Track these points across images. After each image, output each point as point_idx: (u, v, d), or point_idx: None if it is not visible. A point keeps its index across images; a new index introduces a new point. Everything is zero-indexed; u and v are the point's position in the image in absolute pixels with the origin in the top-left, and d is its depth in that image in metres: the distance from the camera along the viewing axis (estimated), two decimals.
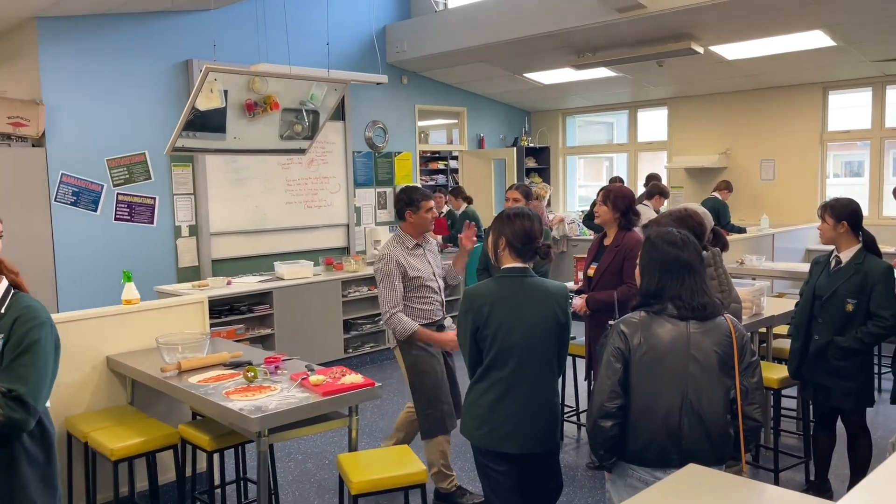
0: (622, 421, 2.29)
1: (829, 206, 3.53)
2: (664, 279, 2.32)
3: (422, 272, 3.84)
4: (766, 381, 3.92)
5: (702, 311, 2.30)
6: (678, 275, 2.31)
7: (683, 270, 2.32)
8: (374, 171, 8.91)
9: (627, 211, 4.03)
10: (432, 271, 3.92)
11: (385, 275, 3.76)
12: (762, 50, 7.27)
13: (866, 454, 3.62)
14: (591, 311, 4.00)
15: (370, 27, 8.56)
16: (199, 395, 3.01)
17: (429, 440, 3.75)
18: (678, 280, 2.31)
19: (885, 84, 8.00)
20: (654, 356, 2.27)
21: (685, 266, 2.32)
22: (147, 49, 6.89)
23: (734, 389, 2.31)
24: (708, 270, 2.99)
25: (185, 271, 7.14)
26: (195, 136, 5.47)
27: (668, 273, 2.32)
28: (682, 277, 2.31)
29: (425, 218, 3.87)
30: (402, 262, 3.78)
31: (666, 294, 2.31)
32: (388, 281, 3.75)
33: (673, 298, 2.30)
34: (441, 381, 3.78)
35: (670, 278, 2.31)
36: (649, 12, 6.41)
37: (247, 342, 5.74)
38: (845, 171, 12.01)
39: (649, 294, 2.36)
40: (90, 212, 6.60)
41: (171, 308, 4.02)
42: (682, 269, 2.32)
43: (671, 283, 2.31)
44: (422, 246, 3.93)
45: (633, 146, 10.35)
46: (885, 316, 3.38)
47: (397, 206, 3.95)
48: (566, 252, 9.38)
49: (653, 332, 2.29)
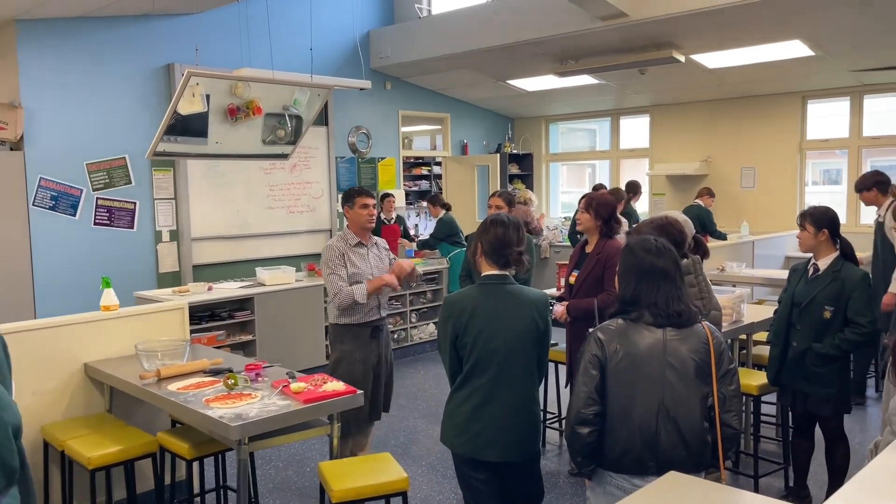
0: (599, 428, 2.30)
1: (809, 215, 3.58)
2: (640, 286, 2.34)
3: (360, 269, 4.00)
4: (745, 388, 3.96)
5: (677, 318, 2.31)
6: (654, 282, 2.32)
7: (659, 278, 2.33)
8: (357, 177, 8.89)
9: (609, 219, 4.05)
10: (371, 271, 4.05)
11: (328, 261, 3.98)
12: (742, 59, 7.36)
13: (844, 461, 3.66)
14: (572, 318, 4.01)
15: (354, 33, 8.56)
16: (179, 403, 2.98)
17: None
18: (654, 287, 2.32)
19: (862, 93, 8.12)
20: (631, 363, 2.28)
21: (661, 273, 2.33)
22: (128, 53, 6.84)
23: (712, 397, 2.32)
24: (688, 278, 3.01)
25: (165, 277, 7.08)
26: (177, 141, 5.43)
27: (645, 280, 2.33)
28: (657, 285, 2.32)
29: (360, 214, 4.03)
30: (344, 252, 3.99)
31: (642, 301, 2.33)
32: (334, 265, 3.96)
33: (649, 306, 2.32)
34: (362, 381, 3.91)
35: (646, 285, 2.33)
36: (632, 21, 6.47)
37: (227, 348, 5.69)
38: (823, 179, 12.16)
39: (626, 301, 2.37)
40: (69, 216, 6.53)
41: (151, 314, 3.98)
42: (657, 276, 2.33)
43: (647, 290, 2.32)
44: (365, 245, 4.09)
45: (616, 153, 10.42)
46: (862, 323, 3.42)
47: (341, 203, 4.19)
48: (549, 258, 9.42)
49: (630, 339, 2.30)
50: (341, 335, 4.04)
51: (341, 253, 3.98)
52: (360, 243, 4.07)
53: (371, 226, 4.09)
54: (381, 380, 4.12)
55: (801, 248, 3.65)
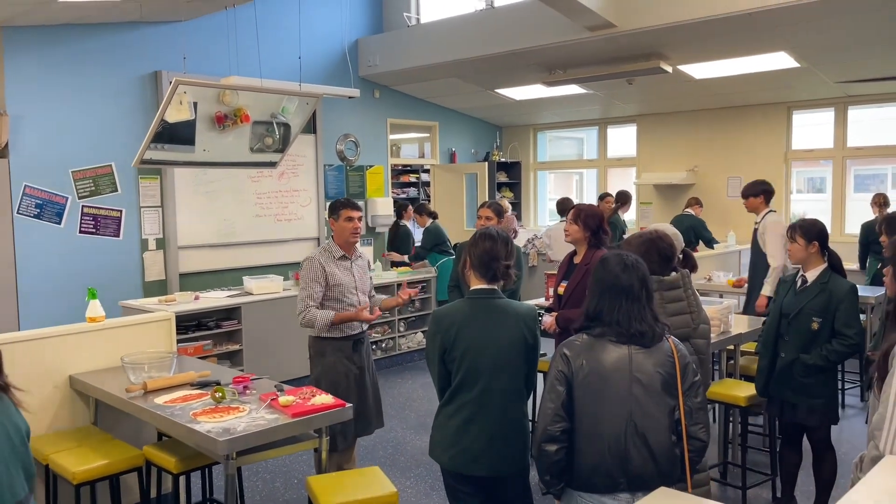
0: (567, 445, 2.28)
1: (799, 227, 3.59)
2: (603, 302, 2.34)
3: (343, 283, 3.92)
4: (733, 399, 3.98)
5: (639, 338, 2.30)
6: (616, 299, 2.32)
7: (621, 295, 2.32)
8: (345, 185, 8.88)
9: (598, 230, 4.05)
10: (354, 285, 3.98)
11: (306, 273, 3.91)
12: (729, 70, 7.42)
13: (831, 471, 3.68)
14: (561, 328, 4.01)
15: (342, 40, 8.56)
16: (166, 417, 2.95)
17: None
18: (616, 304, 2.31)
19: (846, 104, 8.20)
20: (598, 379, 2.27)
21: (624, 291, 2.32)
22: (115, 60, 6.79)
23: (678, 410, 2.32)
24: (676, 292, 3.01)
25: (151, 285, 7.02)
26: (163, 149, 5.40)
27: (607, 296, 2.33)
28: (619, 302, 2.31)
29: (344, 227, 3.95)
30: (326, 268, 3.89)
31: (604, 318, 2.33)
32: (309, 281, 3.88)
33: (611, 323, 2.31)
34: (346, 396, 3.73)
35: (609, 302, 2.33)
36: (620, 31, 6.51)
37: (214, 358, 5.66)
38: (808, 188, 12.27)
39: (589, 316, 2.37)
40: (54, 224, 6.47)
41: (137, 326, 3.94)
42: (619, 293, 2.32)
43: (609, 306, 2.32)
44: (349, 259, 4.00)
45: (603, 162, 10.46)
46: (849, 335, 3.45)
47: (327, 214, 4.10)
48: (536, 267, 9.43)
49: (595, 354, 2.29)
50: (322, 349, 3.96)
51: (321, 267, 3.87)
52: (344, 256, 3.97)
53: (355, 239, 3.98)
54: (368, 393, 4.04)
55: (790, 259, 3.67)
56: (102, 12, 6.25)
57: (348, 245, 3.98)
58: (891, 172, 12.01)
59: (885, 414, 2.00)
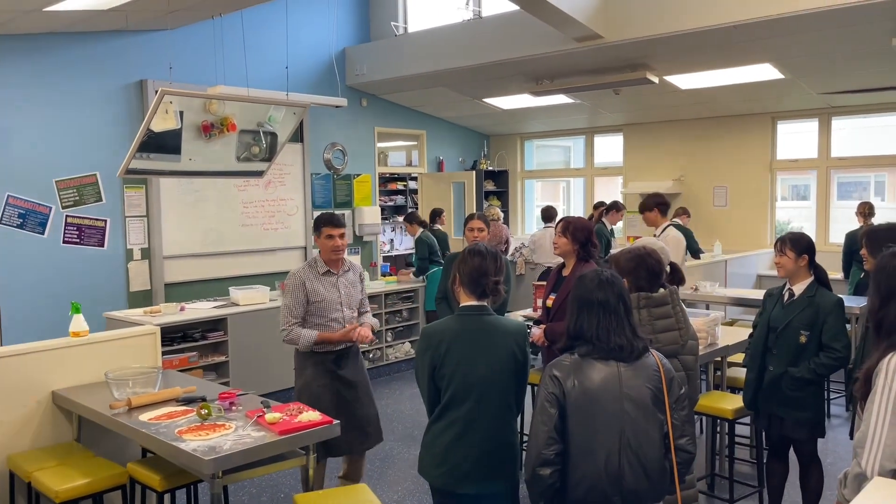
0: (561, 468, 2.27)
1: (790, 241, 3.59)
2: (582, 318, 2.36)
3: (326, 299, 3.87)
4: (720, 412, 3.99)
5: (619, 352, 2.31)
6: (594, 314, 2.34)
7: (598, 309, 2.34)
8: (332, 193, 8.85)
9: (586, 242, 4.05)
10: (339, 301, 3.91)
11: (289, 290, 3.88)
12: (714, 81, 7.48)
13: (818, 483, 3.69)
14: (550, 341, 4.01)
15: (329, 50, 8.55)
16: (150, 435, 2.91)
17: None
18: (594, 319, 2.33)
19: (830, 115, 8.29)
20: (589, 399, 2.27)
21: (600, 305, 2.34)
22: (100, 68, 6.75)
23: (666, 424, 2.34)
24: (664, 308, 3.02)
25: (136, 296, 6.96)
26: (149, 158, 5.36)
27: (586, 312, 2.35)
28: (597, 316, 2.33)
29: (325, 244, 3.91)
30: (308, 284, 3.85)
31: (585, 334, 2.34)
32: (291, 297, 3.85)
33: (591, 339, 2.32)
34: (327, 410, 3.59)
35: (587, 317, 2.34)
36: (607, 42, 6.54)
37: (200, 370, 5.61)
38: (792, 195, 12.38)
39: (571, 335, 2.38)
40: (37, 234, 6.40)
41: (122, 340, 3.90)
42: (597, 308, 2.34)
43: (588, 322, 2.34)
44: (335, 274, 3.94)
45: (590, 171, 10.50)
46: (836, 348, 3.47)
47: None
48: (524, 275, 9.44)
49: (585, 374, 2.29)
50: (303, 363, 3.92)
51: (301, 283, 3.82)
52: (329, 272, 3.92)
53: (337, 256, 3.92)
54: (353, 406, 3.95)
55: (780, 272, 3.64)
56: (88, 21, 6.20)
57: (332, 261, 3.94)
58: (874, 180, 12.14)
59: (867, 432, 2.01)
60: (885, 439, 1.94)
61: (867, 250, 3.37)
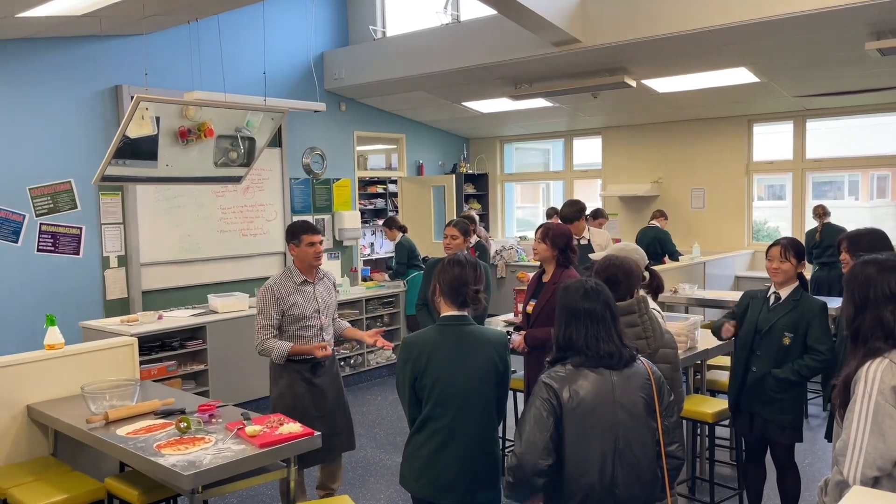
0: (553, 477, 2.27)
1: (793, 247, 3.58)
2: (570, 328, 2.36)
3: (303, 309, 3.84)
4: (700, 416, 4.02)
5: (608, 359, 2.32)
6: (581, 323, 2.34)
7: (586, 318, 2.34)
8: (311, 198, 8.81)
9: (565, 248, 4.07)
10: (316, 309, 3.90)
11: (261, 303, 3.85)
12: (691, 84, 7.54)
13: (795, 486, 3.73)
14: (530, 347, 4.02)
15: (307, 54, 8.51)
16: (128, 450, 2.87)
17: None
18: (582, 328, 2.33)
19: (804, 117, 8.39)
20: (585, 409, 2.27)
21: (587, 314, 2.34)
22: (74, 74, 6.65)
23: (658, 431, 2.36)
24: (630, 317, 3.00)
25: (112, 304, 6.87)
26: (125, 164, 5.29)
27: (573, 322, 2.35)
28: (584, 325, 2.34)
29: (306, 252, 3.87)
30: (281, 295, 3.81)
31: (574, 344, 2.34)
32: (262, 310, 3.83)
33: (580, 349, 2.32)
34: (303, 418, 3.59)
35: (575, 327, 2.34)
36: (584, 47, 6.57)
37: (178, 380, 5.55)
38: (768, 195, 12.52)
39: (560, 346, 2.38)
40: (10, 243, 6.30)
41: (98, 352, 3.84)
42: (583, 316, 2.34)
43: (576, 331, 2.34)
44: (311, 283, 3.92)
45: (570, 174, 10.55)
46: (821, 350, 3.51)
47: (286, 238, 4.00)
48: (505, 277, 9.45)
49: (579, 384, 2.29)
50: (279, 371, 3.88)
51: (276, 298, 3.79)
52: (306, 281, 3.90)
53: (318, 263, 3.93)
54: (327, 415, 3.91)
55: (777, 278, 3.62)
56: (61, 26, 6.11)
57: (310, 269, 3.92)
58: (847, 179, 12.33)
59: (848, 441, 2.03)
60: (866, 447, 1.96)
61: (848, 254, 3.40)
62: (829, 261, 7.19)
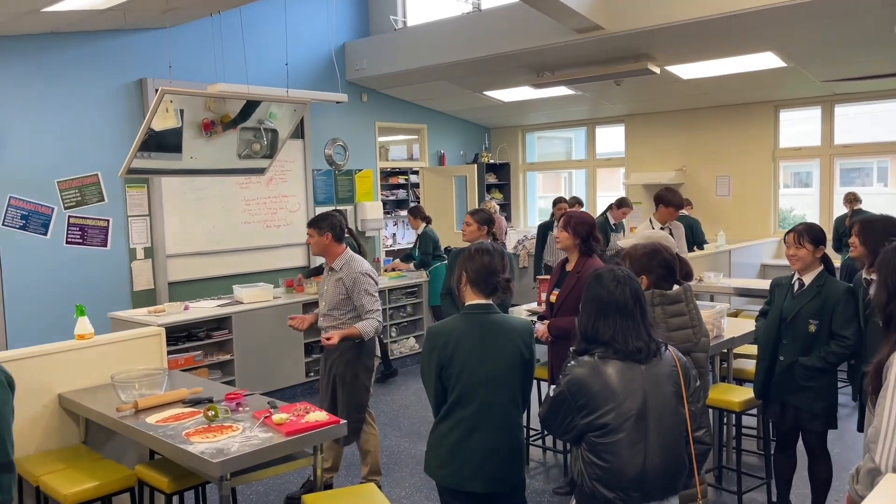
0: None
1: (807, 233, 3.51)
2: (598, 321, 2.32)
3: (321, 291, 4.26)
4: (727, 404, 3.98)
5: (637, 354, 2.29)
6: (611, 317, 2.31)
7: (616, 313, 2.31)
8: (334, 189, 8.83)
9: (588, 237, 4.04)
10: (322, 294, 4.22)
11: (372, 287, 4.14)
12: (716, 70, 7.44)
13: (826, 475, 3.68)
14: (554, 337, 4.00)
15: (329, 45, 8.51)
16: (158, 437, 2.91)
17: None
18: (611, 322, 2.30)
19: (833, 103, 8.24)
20: (612, 397, 2.25)
21: (618, 308, 2.31)
22: (100, 68, 6.72)
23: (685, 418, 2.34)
24: (678, 306, 2.98)
25: (139, 295, 6.96)
26: (150, 157, 5.35)
27: (602, 314, 2.32)
28: (614, 320, 2.30)
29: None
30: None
31: (600, 336, 2.31)
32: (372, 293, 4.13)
33: (608, 342, 2.30)
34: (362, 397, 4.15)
35: (604, 320, 2.31)
36: (607, 33, 6.50)
37: (205, 370, 5.61)
38: (794, 182, 12.32)
39: (586, 337, 2.35)
40: (40, 235, 6.40)
41: (127, 342, 3.89)
42: (613, 311, 2.31)
43: (604, 325, 2.31)
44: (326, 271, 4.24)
45: (592, 162, 10.47)
46: (846, 335, 3.44)
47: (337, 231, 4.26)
48: (527, 268, 9.42)
49: (607, 373, 2.27)
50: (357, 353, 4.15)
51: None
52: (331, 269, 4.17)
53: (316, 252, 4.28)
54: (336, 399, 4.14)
55: (795, 265, 3.58)
56: (86, 20, 6.18)
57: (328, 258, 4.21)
58: (876, 166, 12.09)
59: (881, 428, 2.00)
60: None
61: (859, 239, 3.34)
62: None
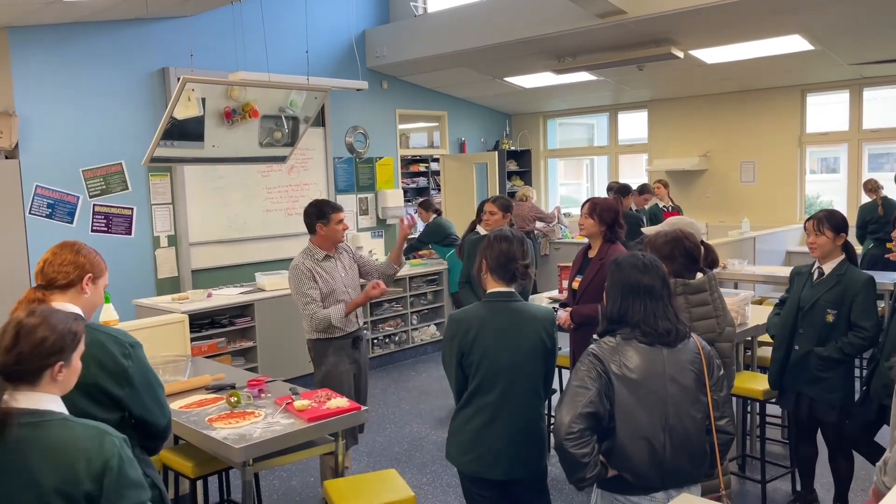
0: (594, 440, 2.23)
1: (827, 220, 3.44)
2: (626, 303, 2.31)
3: (333, 283, 3.95)
4: (750, 392, 3.94)
5: (666, 336, 2.29)
6: (640, 299, 2.30)
7: (645, 295, 2.30)
8: (355, 177, 8.84)
9: (613, 224, 4.02)
10: (343, 283, 4.01)
11: (297, 282, 3.92)
12: (741, 54, 7.31)
13: (848, 466, 3.64)
14: (576, 324, 3.98)
15: (349, 32, 8.49)
16: (182, 423, 2.95)
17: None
18: (640, 305, 2.29)
19: (861, 86, 8.08)
20: (634, 381, 2.24)
21: (646, 290, 2.30)
22: (122, 57, 6.77)
23: (708, 405, 2.32)
24: (702, 296, 2.94)
25: (163, 282, 7.04)
26: (173, 146, 5.39)
27: (630, 297, 2.31)
28: (643, 302, 2.29)
29: (336, 230, 3.99)
30: (313, 270, 3.91)
31: (629, 319, 2.30)
32: (299, 290, 3.91)
33: (636, 324, 2.29)
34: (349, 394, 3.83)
35: (632, 303, 2.30)
36: (629, 18, 6.42)
37: (228, 356, 5.67)
38: (821, 168, 12.11)
39: (612, 319, 2.34)
40: (66, 224, 6.48)
41: (151, 329, 3.94)
42: (642, 293, 2.30)
43: (633, 307, 2.30)
44: (332, 258, 4.03)
45: (614, 149, 10.37)
46: (865, 326, 3.38)
47: (307, 219, 4.05)
48: (549, 255, 9.39)
49: (628, 356, 2.26)
50: (324, 350, 3.98)
51: (309, 271, 3.91)
52: (328, 256, 4.02)
53: (343, 239, 4.10)
54: (361, 390, 4.14)
55: (815, 253, 3.53)
56: (108, 10, 6.22)
57: (333, 246, 4.05)
58: None
59: None
60: None
61: None
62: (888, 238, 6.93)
